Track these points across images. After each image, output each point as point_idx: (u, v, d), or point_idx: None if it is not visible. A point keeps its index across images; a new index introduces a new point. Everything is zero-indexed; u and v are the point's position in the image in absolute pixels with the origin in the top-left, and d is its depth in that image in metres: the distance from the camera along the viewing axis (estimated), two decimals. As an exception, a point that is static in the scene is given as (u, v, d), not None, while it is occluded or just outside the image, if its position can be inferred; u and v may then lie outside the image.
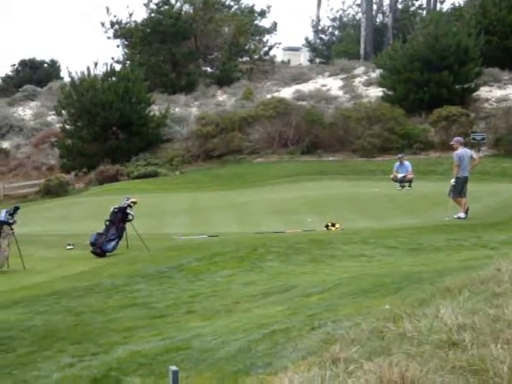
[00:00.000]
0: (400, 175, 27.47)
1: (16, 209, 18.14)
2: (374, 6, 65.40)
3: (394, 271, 10.54)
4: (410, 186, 26.98)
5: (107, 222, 18.67)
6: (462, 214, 19.05)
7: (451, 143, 20.73)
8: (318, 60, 68.61)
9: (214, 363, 6.27)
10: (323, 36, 75.92)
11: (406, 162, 28.04)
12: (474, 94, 42.44)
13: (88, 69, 43.26)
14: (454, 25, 43.44)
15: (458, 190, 19.14)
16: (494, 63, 43.92)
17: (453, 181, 19.25)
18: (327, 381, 3.73)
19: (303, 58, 70.35)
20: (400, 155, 29.00)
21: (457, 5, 54.69)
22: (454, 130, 35.86)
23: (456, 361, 3.86)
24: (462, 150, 19.59)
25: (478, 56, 41.15)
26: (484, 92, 43.25)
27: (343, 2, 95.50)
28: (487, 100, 42.62)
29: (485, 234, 16.11)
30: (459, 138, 20.65)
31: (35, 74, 64.40)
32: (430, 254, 13.76)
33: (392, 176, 27.79)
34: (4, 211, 18.04)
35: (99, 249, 17.96)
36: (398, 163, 28.06)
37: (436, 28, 41.74)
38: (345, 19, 75.36)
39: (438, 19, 43.52)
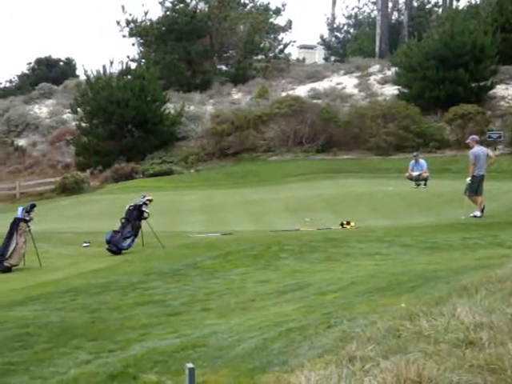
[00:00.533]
0: (415, 173, 27.39)
1: (32, 206, 18.24)
2: (390, 4, 65.18)
3: (409, 269, 10.51)
4: (425, 184, 26.90)
5: (123, 220, 18.72)
6: (478, 213, 18.96)
7: (467, 141, 20.63)
8: (333, 58, 68.54)
9: (229, 361, 6.28)
10: (338, 34, 75.87)
11: (422, 160, 27.96)
12: (490, 91, 42.21)
13: (104, 67, 43.50)
14: (470, 22, 43.19)
15: (474, 189, 19.05)
16: (510, 61, 43.68)
17: (469, 179, 19.16)
18: (344, 379, 3.73)
19: (318, 56, 70.29)
20: (415, 153, 28.93)
21: (473, 2, 54.32)
22: (470, 128, 35.73)
23: (473, 360, 3.85)
24: (478, 149, 19.50)
25: (494, 54, 40.92)
26: (500, 90, 43.03)
27: (359, 0, 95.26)
28: (503, 98, 42.40)
29: (501, 232, 16.04)
30: (475, 137, 20.55)
31: (51, 72, 64.69)
32: (445, 252, 13.70)
33: (407, 174, 27.71)
34: (21, 208, 18.15)
35: (115, 246, 18.02)
36: (413, 161, 27.98)
37: (452, 26, 41.57)
38: (360, 17, 75.25)
39: (454, 17, 43.37)
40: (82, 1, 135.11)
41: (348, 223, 19.13)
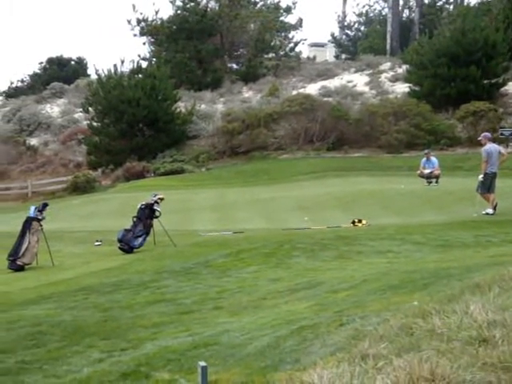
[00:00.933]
0: (427, 171, 27.33)
1: (45, 205, 18.31)
2: (401, 1, 65.06)
3: (421, 267, 10.49)
4: (436, 182, 26.82)
5: (134, 219, 18.78)
6: (490, 210, 18.91)
7: (479, 139, 20.58)
8: (343, 56, 68.45)
9: (242, 359, 6.29)
10: (349, 32, 75.75)
11: (433, 158, 27.90)
12: (502, 88, 42.00)
13: (115, 66, 43.53)
14: (482, 19, 43.00)
15: (487, 186, 19.00)
16: (522, 58, 43.48)
17: (481, 177, 19.11)
18: (356, 377, 3.72)
19: (329, 54, 70.20)
20: (426, 151, 28.88)
21: (484, -1, 54.10)
22: (482, 125, 35.57)
23: (487, 357, 3.83)
24: (490, 146, 19.44)
25: (505, 51, 40.70)
26: (512, 87, 42.86)
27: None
28: (515, 95, 42.22)
29: (513, 230, 15.98)
30: (487, 134, 20.49)
31: (62, 72, 64.83)
32: (457, 250, 13.67)
33: (419, 172, 27.65)
34: (33, 208, 18.24)
35: (126, 245, 18.07)
36: (424, 159, 27.93)
37: (463, 23, 41.42)
38: (371, 15, 75.11)
39: (466, 14, 43.21)
40: (93, 0, 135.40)
41: (359, 221, 19.11)
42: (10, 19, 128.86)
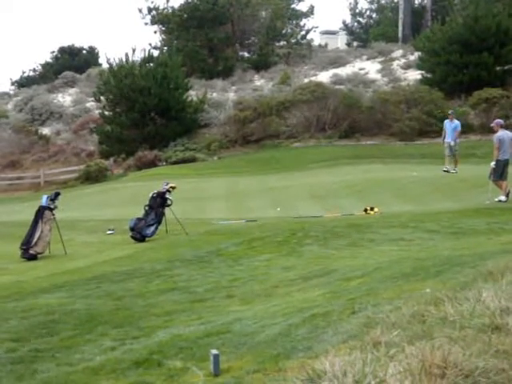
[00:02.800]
0: (447, 140, 26.86)
1: (57, 194, 18.36)
2: (413, -12, 64.67)
3: (434, 255, 10.46)
4: (454, 169, 26.42)
5: (146, 207, 18.81)
6: (503, 197, 18.84)
7: (491, 125, 20.49)
8: (355, 43, 68.15)
9: (254, 347, 6.29)
10: (361, 19, 75.34)
11: (456, 121, 27.74)
12: (515, 75, 41.77)
13: (126, 55, 43.44)
14: (495, 6, 42.71)
15: (499, 173, 18.93)
16: (535, 44, 43.17)
17: (493, 163, 19.03)
18: (368, 364, 3.71)
19: (340, 41, 69.95)
20: (450, 111, 28.85)
21: (497, -15, 53.68)
22: (495, 112, 35.36)
23: (499, 345, 3.82)
24: (502, 133, 19.37)
25: (519, 37, 40.49)
26: (525, 73, 42.55)
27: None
28: (528, 81, 41.95)
29: (526, 217, 15.93)
30: (499, 121, 20.40)
31: (74, 61, 64.98)
32: (470, 237, 13.63)
33: (443, 136, 27.39)
34: (45, 197, 18.29)
35: (139, 234, 18.10)
36: (447, 120, 27.78)
37: (476, 9, 41.12)
38: (383, 2, 74.58)
39: (478, 0, 42.87)
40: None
41: (372, 209, 19.07)
42: (21, 9, 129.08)
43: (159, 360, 6.54)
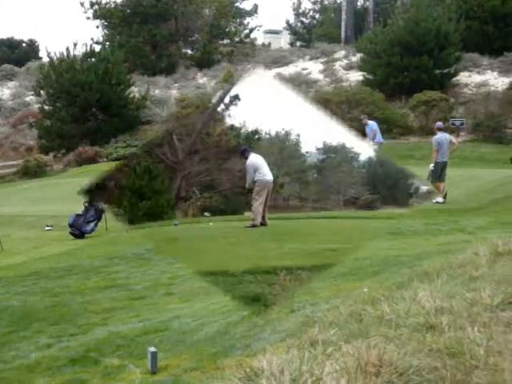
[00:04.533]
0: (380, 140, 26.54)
1: (-6, 189, 18.05)
2: (355, -10, 65.30)
3: (372, 255, 10.57)
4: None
5: (86, 204, 18.59)
6: (440, 199, 19.12)
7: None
8: (298, 43, 68.54)
9: (192, 345, 6.29)
10: (304, 19, 75.77)
11: (370, 122, 26.99)
12: (454, 79, 42.51)
13: (67, 49, 42.87)
14: (435, 9, 43.42)
15: (437, 175, 19.22)
16: (473, 48, 44.06)
17: (432, 165, 19.32)
18: (306, 362, 3.74)
19: (284, 41, 70.30)
20: (362, 117, 28.08)
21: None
22: (434, 114, 35.96)
23: (433, 343, 3.89)
24: (440, 135, 19.66)
25: (457, 41, 41.22)
26: (463, 77, 43.37)
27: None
28: (466, 85, 42.78)
29: (463, 218, 16.18)
30: (439, 123, 20.72)
31: (13, 54, 63.88)
32: (408, 238, 13.81)
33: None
34: (-18, 192, 17.95)
35: (78, 230, 17.89)
36: (372, 122, 27.24)
37: (416, 12, 41.74)
38: (326, 2, 75.19)
39: (419, 3, 43.46)
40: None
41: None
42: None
43: (96, 357, 6.49)
